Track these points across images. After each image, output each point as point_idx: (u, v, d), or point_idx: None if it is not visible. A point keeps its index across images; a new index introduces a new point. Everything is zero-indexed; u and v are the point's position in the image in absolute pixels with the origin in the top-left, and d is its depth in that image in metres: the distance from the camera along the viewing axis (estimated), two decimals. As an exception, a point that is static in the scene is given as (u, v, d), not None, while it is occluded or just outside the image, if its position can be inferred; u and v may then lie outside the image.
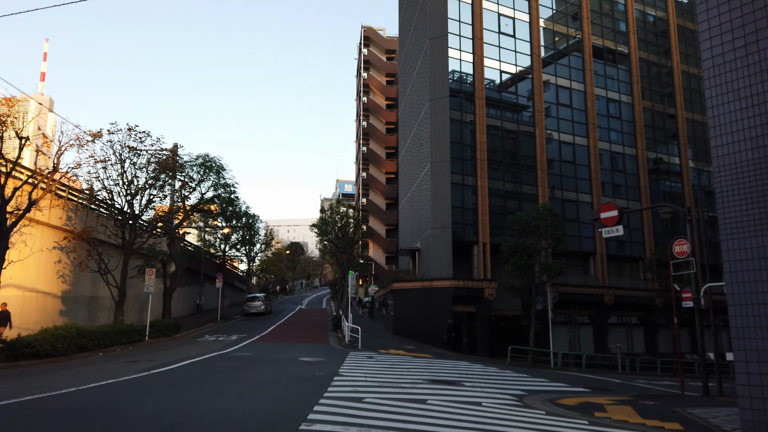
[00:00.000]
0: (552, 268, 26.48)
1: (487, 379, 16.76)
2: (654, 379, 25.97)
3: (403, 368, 17.74)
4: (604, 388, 17.86)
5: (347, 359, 19.41)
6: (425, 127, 33.99)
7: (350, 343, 26.06)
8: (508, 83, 35.46)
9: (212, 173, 30.03)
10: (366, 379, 14.17)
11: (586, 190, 36.39)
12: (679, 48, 42.28)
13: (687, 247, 17.13)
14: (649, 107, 40.29)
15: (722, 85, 11.33)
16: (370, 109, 63.45)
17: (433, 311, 30.77)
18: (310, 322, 38.49)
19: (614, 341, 35.11)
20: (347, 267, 33.84)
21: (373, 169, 62.93)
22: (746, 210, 10.90)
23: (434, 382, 14.82)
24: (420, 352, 25.36)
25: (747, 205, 10.90)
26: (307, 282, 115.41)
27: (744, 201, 10.96)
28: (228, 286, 52.09)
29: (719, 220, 11.09)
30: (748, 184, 10.93)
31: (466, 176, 32.72)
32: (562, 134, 36.36)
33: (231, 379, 13.35)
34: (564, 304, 32.68)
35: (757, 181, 10.76)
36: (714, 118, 11.42)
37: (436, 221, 31.52)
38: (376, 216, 60.72)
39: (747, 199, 10.89)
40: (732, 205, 11.09)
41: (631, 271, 38.43)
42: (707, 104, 11.79)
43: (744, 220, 10.97)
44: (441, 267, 31.11)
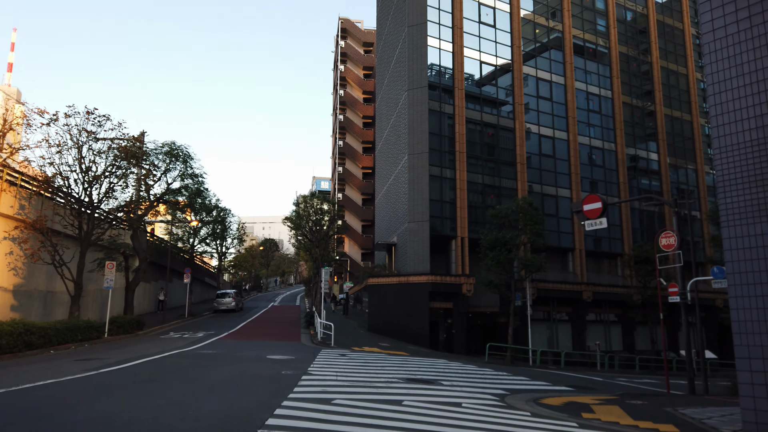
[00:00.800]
0: (532, 263, 25.73)
1: (466, 378, 15.87)
2: (634, 377, 25.42)
3: (378, 366, 16.74)
4: (587, 386, 17.12)
5: (318, 357, 18.33)
6: (403, 118, 32.98)
7: (323, 341, 24.96)
8: (488, 75, 34.66)
9: (179, 162, 28.57)
10: (337, 379, 13.12)
11: (566, 185, 35.82)
12: (658, 44, 42.03)
13: (674, 240, 16.44)
14: (628, 103, 39.95)
15: (723, 60, 10.48)
16: (347, 102, 62.18)
17: (410, 308, 29.82)
18: (282, 319, 37.28)
19: (592, 338, 34.65)
20: (321, 262, 32.69)
21: (350, 164, 61.71)
22: (749, 194, 10.07)
23: (410, 381, 13.84)
24: (396, 350, 24.39)
25: (750, 189, 10.08)
26: (282, 279, 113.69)
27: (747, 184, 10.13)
28: (198, 283, 50.42)
29: (719, 205, 10.26)
30: (752, 166, 10.10)
31: (444, 169, 31.81)
32: (542, 128, 35.72)
33: (187, 379, 12.15)
34: (542, 300, 32.04)
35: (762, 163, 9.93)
36: (714, 96, 10.55)
37: (413, 215, 30.54)
38: (352, 211, 59.56)
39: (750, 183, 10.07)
40: (734, 188, 10.25)
41: (610, 268, 38.03)
42: (707, 80, 10.89)
43: (747, 204, 10.13)
44: (418, 262, 30.16)
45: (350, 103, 62.25)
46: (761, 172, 9.74)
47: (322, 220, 32.68)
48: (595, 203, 18.37)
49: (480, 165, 33.11)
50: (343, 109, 63.09)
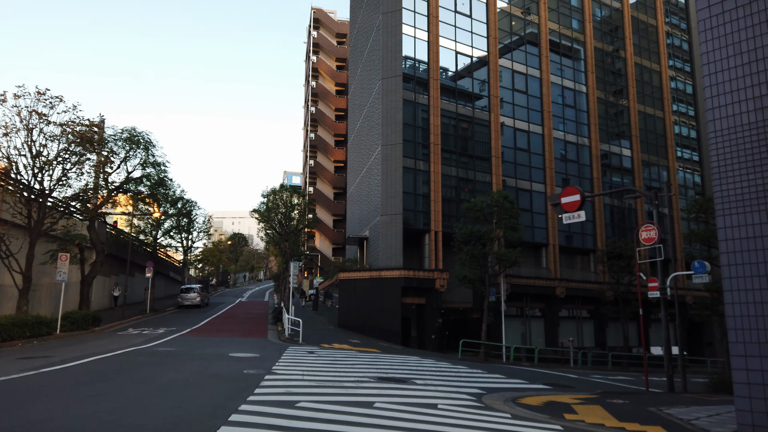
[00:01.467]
0: (507, 257, 25.14)
1: (440, 376, 15.11)
2: (608, 373, 25.09)
3: (348, 364, 15.84)
4: (564, 384, 16.55)
5: (284, 355, 17.34)
6: (376, 108, 32.06)
7: (290, 337, 23.94)
8: (463, 66, 33.98)
9: (140, 149, 27.12)
10: (303, 378, 12.18)
11: (540, 179, 35.42)
12: (632, 40, 41.99)
13: (655, 233, 15.94)
14: (603, 98, 39.79)
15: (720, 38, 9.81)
16: (319, 94, 60.88)
17: (382, 303, 28.99)
18: (249, 315, 36.09)
19: (565, 335, 34.37)
20: (290, 256, 31.58)
21: (321, 157, 60.49)
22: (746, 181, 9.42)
23: (382, 380, 13.00)
24: (367, 347, 23.55)
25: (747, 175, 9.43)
26: (251, 275, 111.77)
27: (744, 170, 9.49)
28: (162, 277, 48.72)
29: (714, 193, 9.62)
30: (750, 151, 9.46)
31: (418, 161, 31.02)
32: (518, 121, 35.23)
33: (137, 379, 11.05)
34: (516, 296, 31.57)
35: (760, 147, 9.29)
36: (709, 76, 9.85)
37: (386, 207, 29.68)
38: (324, 206, 58.41)
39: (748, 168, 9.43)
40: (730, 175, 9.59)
41: (582, 264, 37.84)
42: (702, 60, 10.17)
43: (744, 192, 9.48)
44: (390, 256, 29.33)
45: (322, 95, 61.00)
46: (760, 157, 9.10)
47: (291, 213, 31.55)
48: (573, 196, 17.80)
49: (455, 158, 32.44)
50: (315, 101, 61.80)
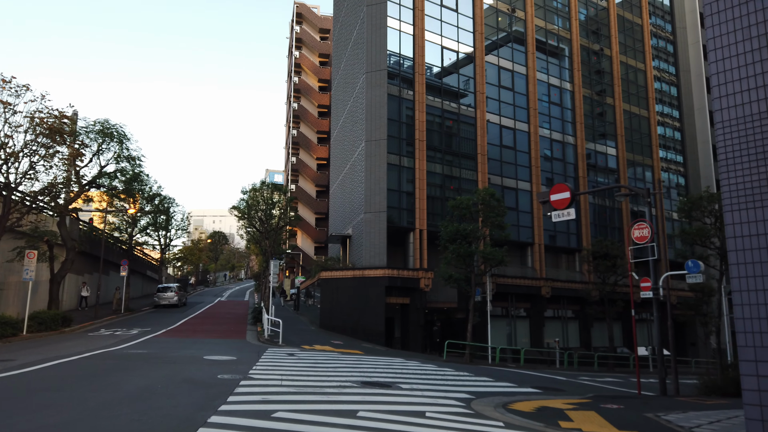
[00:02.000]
0: (493, 256, 24.55)
1: (426, 380, 14.43)
2: (595, 375, 24.66)
3: (329, 368, 15.08)
4: (554, 387, 15.98)
5: (263, 357, 16.51)
6: (360, 103, 31.29)
7: (270, 339, 23.09)
8: (449, 61, 33.35)
9: (113, 142, 26.00)
10: (281, 384, 11.40)
11: (526, 177, 34.96)
12: (618, 39, 41.79)
13: (648, 231, 15.44)
14: (588, 96, 39.50)
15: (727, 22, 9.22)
16: (301, 90, 59.89)
17: (365, 303, 28.25)
18: (228, 315, 35.11)
19: (550, 335, 33.96)
20: (270, 254, 30.69)
21: (304, 154, 59.50)
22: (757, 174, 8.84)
23: (366, 384, 12.27)
24: (349, 348, 22.79)
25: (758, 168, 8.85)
26: (232, 274, 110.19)
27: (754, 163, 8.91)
28: (139, 276, 47.42)
29: (722, 187, 9.04)
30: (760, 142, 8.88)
31: (403, 157, 30.32)
32: (503, 118, 34.71)
33: (100, 386, 10.17)
34: (501, 296, 31.06)
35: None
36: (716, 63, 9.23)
37: (369, 205, 28.93)
38: (306, 203, 57.45)
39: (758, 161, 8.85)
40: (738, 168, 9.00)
41: (568, 263, 37.49)
42: (708, 46, 9.52)
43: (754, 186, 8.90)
44: (374, 255, 28.60)
45: (305, 91, 60.02)
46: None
47: (272, 211, 30.64)
48: (563, 193, 17.23)
49: (440, 155, 31.81)
50: (297, 97, 60.78)
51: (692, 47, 46.65)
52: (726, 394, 16.43)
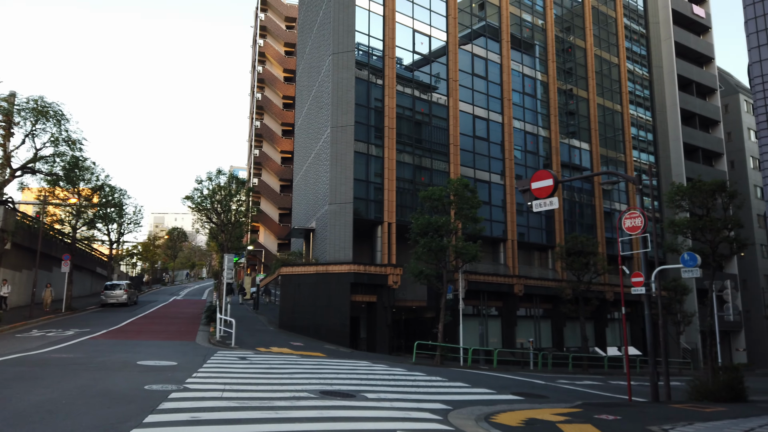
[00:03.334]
0: (467, 251, 22.89)
1: (395, 387, 12.63)
2: (572, 377, 23.25)
3: (285, 373, 13.13)
4: (536, 394, 14.35)
5: (209, 362, 14.43)
6: (326, 87, 29.25)
7: (222, 340, 20.91)
8: (421, 45, 31.61)
9: (50, 123, 23.38)
10: (222, 395, 9.40)
11: (499, 170, 33.53)
12: (593, 31, 40.83)
13: (641, 221, 13.96)
14: (563, 89, 38.37)
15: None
16: (265, 80, 57.35)
17: (329, 301, 26.29)
18: (181, 314, 32.65)
19: (522, 334, 32.63)
20: (227, 249, 28.42)
21: (267, 147, 56.99)
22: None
23: (326, 394, 10.38)
24: (310, 350, 20.81)
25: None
26: (193, 273, 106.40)
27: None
28: (87, 273, 44.29)
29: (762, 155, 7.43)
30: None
31: (371, 146, 28.45)
32: (477, 108, 33.18)
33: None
34: (472, 294, 29.45)
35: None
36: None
37: (335, 195, 26.95)
38: (269, 198, 54.98)
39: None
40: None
41: (541, 261, 36.24)
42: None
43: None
44: (339, 249, 26.64)
45: (269, 81, 57.49)
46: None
47: (229, 202, 28.34)
48: (545, 180, 15.60)
49: (411, 144, 30.05)
50: (261, 88, 58.22)
51: (665, 43, 46.13)
52: (719, 399, 15.16)
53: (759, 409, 13.22)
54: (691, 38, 48.92)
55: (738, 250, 16.52)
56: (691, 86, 48.41)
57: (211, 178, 28.26)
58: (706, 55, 50.32)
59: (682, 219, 16.99)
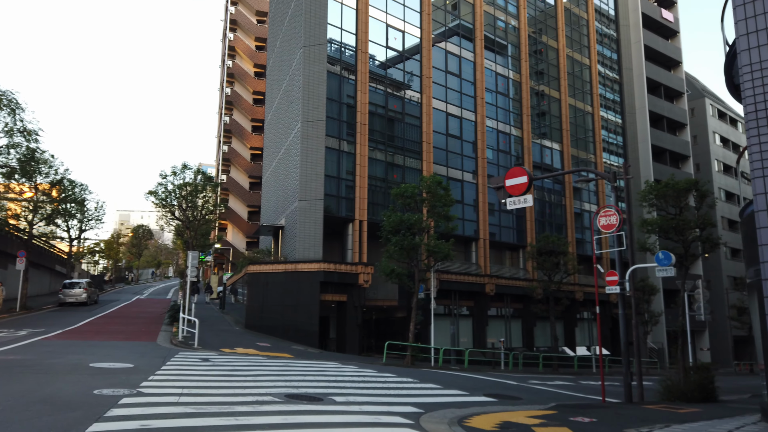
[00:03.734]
0: (439, 249, 22.48)
1: (365, 389, 12.11)
2: (544, 377, 23.07)
3: (249, 376, 12.48)
4: (509, 395, 13.99)
5: (168, 364, 13.67)
6: (297, 81, 28.53)
7: (185, 341, 20.06)
8: (394, 41, 31.14)
9: (3, 112, 22.14)
10: (179, 400, 8.73)
11: (471, 169, 33.30)
12: (565, 32, 41.00)
13: (616, 219, 13.73)
14: (535, 88, 38.40)
15: None
16: (235, 74, 56.13)
17: (298, 300, 25.60)
18: (144, 313, 31.52)
19: (492, 334, 32.48)
20: (192, 246, 27.48)
21: (237, 143, 55.77)
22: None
23: (291, 398, 9.79)
24: (278, 351, 20.13)
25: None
26: (159, 271, 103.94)
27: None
28: (46, 271, 42.56)
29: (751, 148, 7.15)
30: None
31: (342, 141, 27.86)
32: (450, 106, 32.88)
33: None
34: (444, 293, 29.10)
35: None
36: None
37: (305, 192, 26.26)
38: (238, 195, 53.81)
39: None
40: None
41: (512, 260, 36.16)
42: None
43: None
44: (309, 247, 25.97)
45: (239, 76, 56.30)
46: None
47: (195, 197, 27.38)
48: (520, 178, 15.27)
49: (383, 141, 29.55)
50: (231, 82, 56.97)
51: (634, 46, 46.67)
52: (690, 400, 15.07)
53: (732, 410, 13.10)
54: (659, 42, 49.67)
55: (710, 249, 16.51)
56: (659, 89, 49.14)
57: (176, 172, 27.28)
58: (674, 58, 51.17)
59: (655, 218, 16.91)
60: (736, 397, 18.29)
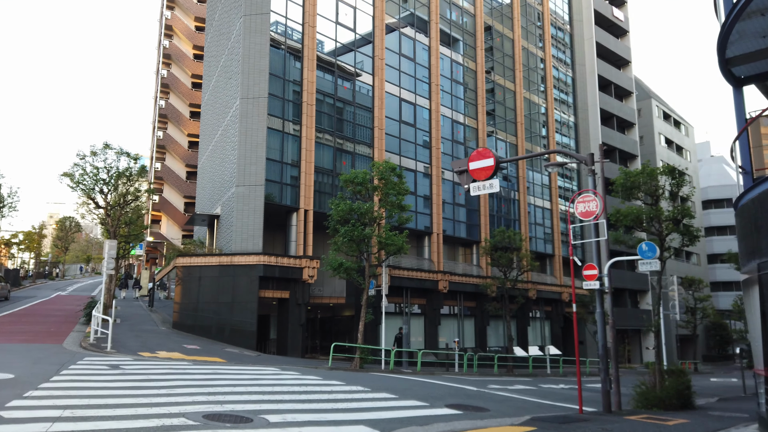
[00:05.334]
0: (392, 242, 20.48)
1: (307, 402, 9.98)
2: (502, 381, 21.47)
3: (164, 387, 10.10)
4: (472, 405, 12.14)
5: (62, 373, 11.07)
6: (236, 55, 25.82)
7: (97, 343, 17.26)
8: (346, 16, 28.89)
9: None
10: (50, 428, 6.34)
11: (426, 159, 31.51)
12: (521, 23, 39.91)
13: (596, 205, 12.13)
14: (491, 79, 37.06)
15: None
16: (172, 56, 52.28)
17: (233, 297, 23.03)
18: (59, 311, 28.11)
19: (445, 333, 30.84)
20: (114, 234, 24.38)
21: (173, 129, 51.95)
22: None
23: (211, 420, 7.57)
24: (208, 355, 17.62)
25: None
26: (89, 267, 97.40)
27: None
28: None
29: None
30: None
31: (287, 122, 25.40)
32: (404, 91, 30.95)
33: None
34: (395, 290, 27.18)
35: None
36: None
37: (243, 176, 23.65)
38: (174, 185, 50.09)
39: None
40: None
41: (465, 256, 34.65)
42: None
43: None
44: (247, 238, 23.41)
45: (177, 58, 52.49)
46: None
47: (117, 180, 24.25)
48: (485, 160, 13.53)
49: (332, 124, 27.29)
50: (167, 64, 53.04)
51: (587, 43, 46.24)
52: (668, 407, 13.75)
53: (721, 421, 11.77)
54: (611, 40, 49.56)
55: (689, 242, 15.32)
56: (609, 87, 49.01)
57: (96, 152, 24.09)
58: (624, 58, 51.23)
59: (631, 207, 15.57)
60: (705, 402, 17.27)
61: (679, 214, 14.99)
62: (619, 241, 16.90)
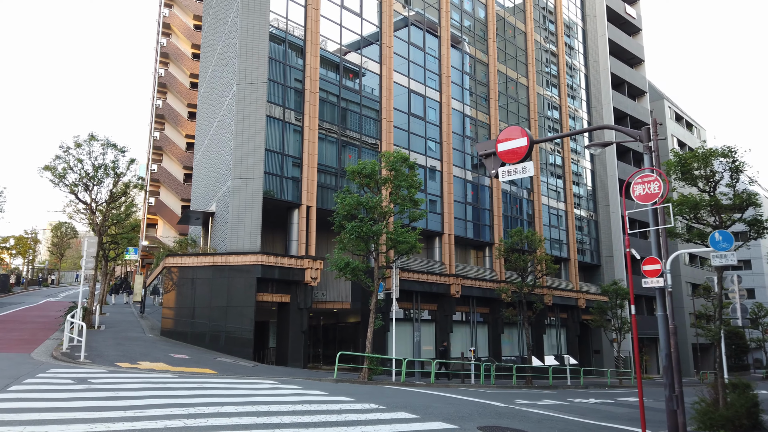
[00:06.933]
0: (405, 239, 18.40)
1: (312, 427, 7.92)
2: (527, 394, 19.37)
3: (134, 407, 8.05)
4: (510, 428, 10.06)
5: (10, 389, 9.02)
6: (233, 39, 23.88)
7: (70, 352, 15.18)
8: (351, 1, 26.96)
9: None
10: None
11: (436, 155, 29.53)
12: (533, 15, 38.07)
13: (659, 186, 10.11)
14: (504, 73, 35.15)
15: None
16: (170, 54, 50.49)
17: (229, 301, 20.96)
18: (42, 318, 26.08)
19: (456, 342, 28.69)
20: (100, 233, 22.35)
21: (170, 130, 50.05)
22: None
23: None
24: (197, 366, 15.53)
25: None
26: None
27: None
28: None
29: None
30: None
31: (288, 110, 23.42)
32: (413, 81, 29.03)
33: None
34: (404, 295, 25.13)
35: None
36: None
37: (240, 168, 21.63)
38: (170, 188, 48.09)
39: None
40: None
41: (477, 259, 32.57)
42: None
43: None
44: (244, 236, 21.36)
45: (175, 56, 50.67)
46: None
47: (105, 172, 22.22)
48: (518, 141, 11.44)
49: (337, 115, 25.33)
50: (165, 63, 51.20)
51: (600, 39, 44.40)
52: (739, 428, 11.61)
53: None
54: (623, 37, 47.74)
55: (757, 235, 13.29)
56: (623, 86, 47.13)
57: (80, 144, 22.11)
58: (637, 56, 49.38)
59: (684, 196, 13.55)
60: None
61: (744, 203, 12.95)
62: (675, 234, 14.84)
